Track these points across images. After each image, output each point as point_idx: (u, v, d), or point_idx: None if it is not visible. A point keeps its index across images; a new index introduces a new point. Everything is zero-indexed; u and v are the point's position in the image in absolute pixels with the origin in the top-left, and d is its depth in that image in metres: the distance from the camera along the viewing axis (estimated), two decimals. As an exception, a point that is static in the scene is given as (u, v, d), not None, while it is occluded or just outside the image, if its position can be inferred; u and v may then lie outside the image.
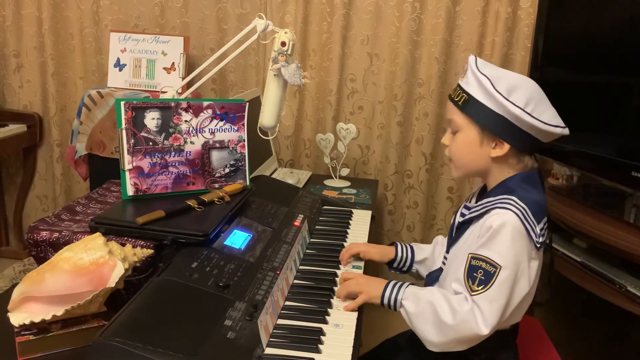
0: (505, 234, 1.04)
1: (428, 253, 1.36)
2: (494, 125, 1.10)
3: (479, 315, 1.02)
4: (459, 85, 1.15)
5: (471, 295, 1.04)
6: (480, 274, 1.04)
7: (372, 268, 1.39)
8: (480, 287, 1.03)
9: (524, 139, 1.10)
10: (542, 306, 1.06)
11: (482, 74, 1.09)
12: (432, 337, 1.06)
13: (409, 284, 1.13)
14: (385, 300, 1.12)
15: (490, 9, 2.15)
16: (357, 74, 2.32)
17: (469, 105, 1.11)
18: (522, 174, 1.14)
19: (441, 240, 1.36)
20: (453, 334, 1.04)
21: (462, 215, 1.22)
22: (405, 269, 1.37)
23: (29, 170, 2.66)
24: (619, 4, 1.62)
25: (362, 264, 1.34)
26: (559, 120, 1.10)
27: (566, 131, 1.10)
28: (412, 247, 1.38)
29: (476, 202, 1.23)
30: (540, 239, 1.08)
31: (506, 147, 1.11)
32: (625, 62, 1.56)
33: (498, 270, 1.03)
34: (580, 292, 1.60)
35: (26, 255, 2.68)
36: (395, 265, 1.37)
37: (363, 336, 1.09)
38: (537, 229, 1.07)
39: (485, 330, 1.02)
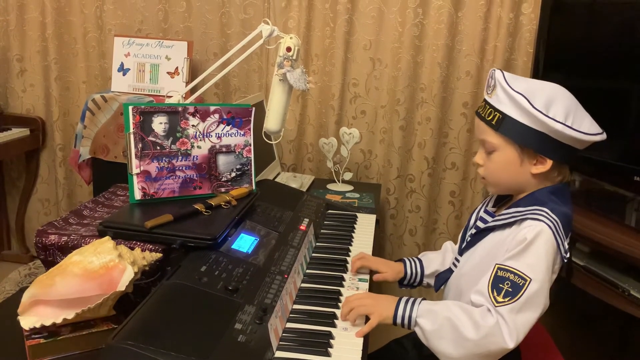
0: (539, 245, 1.01)
1: (438, 264, 1.33)
2: (535, 142, 1.05)
3: (505, 328, 0.97)
4: (488, 103, 1.09)
5: (495, 306, 0.99)
6: (507, 285, 0.99)
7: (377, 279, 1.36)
8: (506, 299, 0.98)
9: (564, 152, 1.06)
10: (546, 310, 1.05)
11: (516, 91, 1.03)
12: (451, 353, 1.01)
13: (422, 299, 1.08)
14: (399, 320, 1.07)
15: (493, 15, 2.17)
16: (360, 79, 2.33)
17: (505, 125, 1.06)
18: (551, 187, 1.10)
19: (451, 248, 1.35)
20: (476, 349, 0.99)
21: (484, 220, 1.19)
22: (415, 284, 1.35)
23: (31, 174, 2.66)
24: (620, 10, 1.63)
25: (367, 277, 1.29)
26: (597, 127, 1.07)
27: (604, 136, 1.07)
28: (420, 261, 1.34)
29: (493, 206, 1.22)
30: (567, 255, 1.05)
31: (549, 163, 1.07)
32: (626, 67, 1.58)
33: (527, 283, 0.98)
34: (583, 296, 1.60)
35: (28, 259, 2.68)
36: (405, 282, 1.34)
37: (370, 337, 1.09)
38: (566, 244, 1.04)
39: (511, 344, 0.97)
